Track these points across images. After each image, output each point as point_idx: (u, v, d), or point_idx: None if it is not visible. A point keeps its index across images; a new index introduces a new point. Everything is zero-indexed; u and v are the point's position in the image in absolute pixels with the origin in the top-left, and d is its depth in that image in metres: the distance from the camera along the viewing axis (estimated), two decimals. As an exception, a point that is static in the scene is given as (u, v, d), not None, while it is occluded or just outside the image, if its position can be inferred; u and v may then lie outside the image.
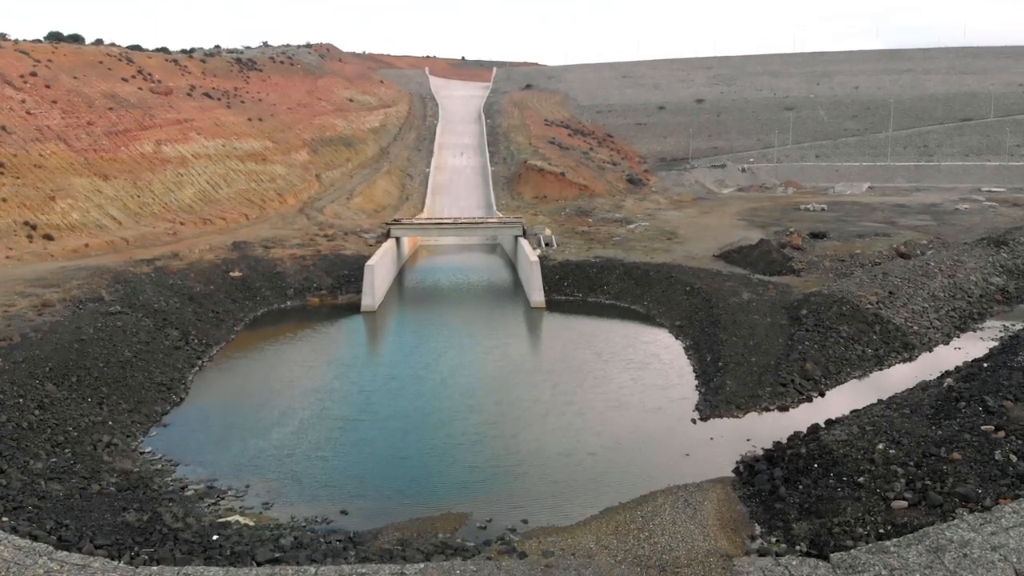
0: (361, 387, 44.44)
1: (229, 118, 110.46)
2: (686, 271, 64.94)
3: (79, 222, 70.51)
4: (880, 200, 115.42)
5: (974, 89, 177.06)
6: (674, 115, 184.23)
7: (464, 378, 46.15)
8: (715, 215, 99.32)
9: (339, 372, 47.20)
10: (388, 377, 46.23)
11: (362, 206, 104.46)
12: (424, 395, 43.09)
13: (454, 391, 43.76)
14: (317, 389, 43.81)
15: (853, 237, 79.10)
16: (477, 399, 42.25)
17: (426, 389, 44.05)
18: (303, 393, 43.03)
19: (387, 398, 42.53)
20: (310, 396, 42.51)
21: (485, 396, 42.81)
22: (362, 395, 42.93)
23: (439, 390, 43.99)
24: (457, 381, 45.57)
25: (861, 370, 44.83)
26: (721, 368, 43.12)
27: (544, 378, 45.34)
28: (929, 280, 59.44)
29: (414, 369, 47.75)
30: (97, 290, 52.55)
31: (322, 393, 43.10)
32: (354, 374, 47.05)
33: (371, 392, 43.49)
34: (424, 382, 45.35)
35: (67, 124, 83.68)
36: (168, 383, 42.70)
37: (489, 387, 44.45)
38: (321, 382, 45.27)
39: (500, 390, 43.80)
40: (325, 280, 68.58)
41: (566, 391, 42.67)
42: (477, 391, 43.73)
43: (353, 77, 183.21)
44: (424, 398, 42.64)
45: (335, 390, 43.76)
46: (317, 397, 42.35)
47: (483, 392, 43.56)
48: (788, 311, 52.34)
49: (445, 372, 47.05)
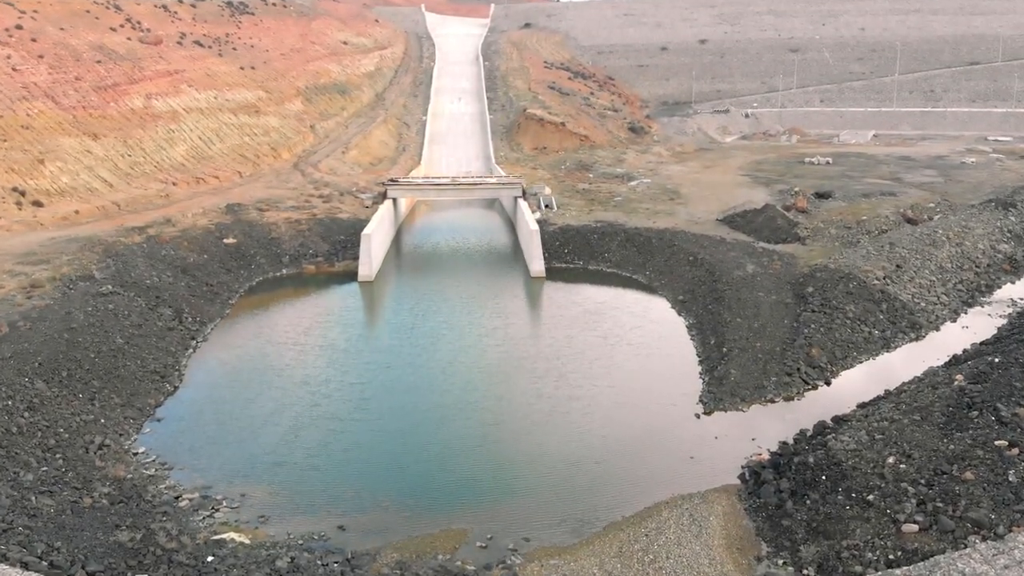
0: (357, 378, 42.91)
1: (221, 67, 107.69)
2: (689, 238, 63.72)
3: (69, 186, 68.91)
4: (885, 151, 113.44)
5: (982, 31, 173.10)
6: (677, 56, 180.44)
7: (463, 367, 44.49)
8: (718, 170, 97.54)
9: (334, 359, 45.71)
10: (384, 366, 44.66)
11: (358, 159, 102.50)
12: (421, 388, 41.67)
13: (453, 384, 42.19)
14: (311, 380, 42.30)
15: (859, 197, 77.68)
16: (477, 394, 40.79)
17: (423, 381, 42.58)
18: (297, 384, 41.66)
19: (383, 392, 41.10)
20: (304, 389, 41.08)
21: (486, 390, 41.34)
22: (357, 388, 41.48)
23: (437, 382, 42.46)
24: (456, 371, 44.00)
25: (868, 354, 44.10)
26: (725, 355, 42.34)
27: (548, 367, 43.71)
28: (936, 250, 58.38)
29: (411, 356, 46.25)
30: (88, 266, 51.43)
31: (316, 385, 41.63)
32: (349, 361, 45.45)
33: (367, 384, 42.05)
34: (421, 372, 43.84)
35: (54, 80, 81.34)
36: (162, 370, 41.92)
37: (490, 379, 42.88)
38: (315, 370, 43.74)
39: (502, 383, 42.27)
40: (321, 246, 67.35)
41: (571, 384, 41.26)
42: (477, 384, 42.20)
43: (347, 17, 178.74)
44: (421, 392, 41.21)
45: (330, 381, 42.31)
46: (311, 390, 40.87)
47: (484, 385, 42.01)
48: (793, 287, 51.40)
49: (443, 360, 45.43)
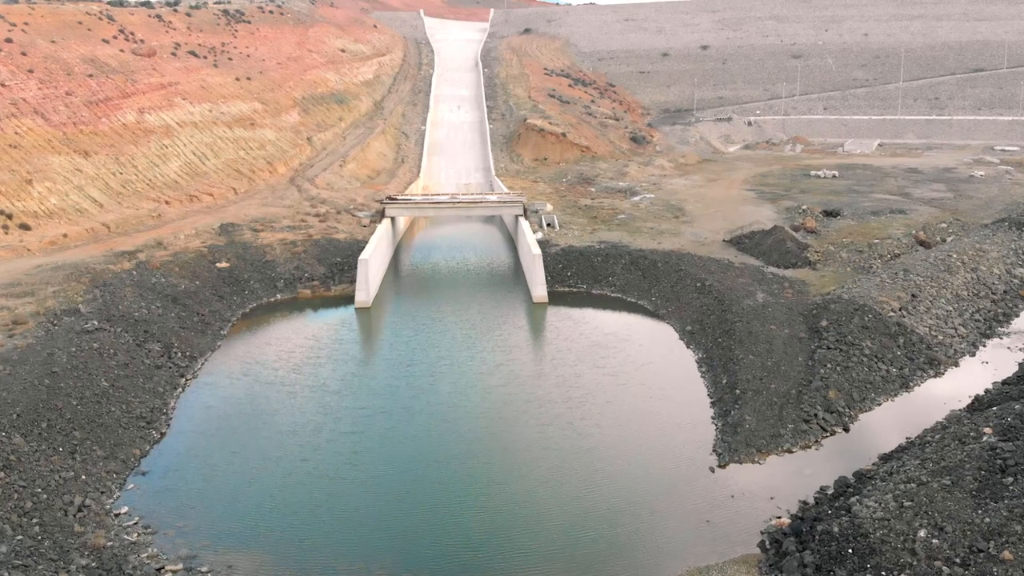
0: (350, 425, 40.25)
1: (216, 79, 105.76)
2: (696, 262, 61.86)
3: (57, 207, 67.01)
4: (892, 162, 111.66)
5: (987, 37, 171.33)
6: (678, 62, 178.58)
7: (464, 413, 41.84)
8: (723, 184, 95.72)
9: (326, 403, 42.95)
10: (379, 411, 42.01)
11: (356, 172, 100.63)
12: (419, 439, 38.97)
13: (453, 434, 39.50)
14: (302, 428, 39.83)
15: (868, 215, 75.91)
16: (479, 445, 38.33)
17: (421, 430, 39.90)
18: (287, 434, 39.26)
19: (378, 444, 38.51)
20: (294, 439, 38.69)
21: (488, 440, 38.90)
22: (350, 439, 38.86)
23: (436, 432, 39.72)
24: (457, 417, 41.34)
25: (886, 394, 42.27)
26: (739, 397, 40.45)
27: (555, 412, 41.20)
28: (951, 276, 56.59)
29: (408, 399, 43.38)
30: (73, 298, 49.55)
31: (307, 434, 39.17)
32: (343, 405, 42.69)
33: (360, 434, 39.38)
34: (419, 419, 41.07)
35: (44, 96, 79.42)
36: (148, 415, 40.04)
37: (493, 427, 40.31)
38: (306, 417, 41.18)
39: (505, 431, 39.73)
40: (317, 269, 65.45)
41: (579, 432, 38.96)
42: (479, 433, 39.64)
43: (345, 24, 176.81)
44: (419, 444, 38.50)
45: (321, 429, 39.74)
46: (301, 441, 38.46)
47: (486, 434, 39.51)
48: (806, 319, 49.56)
49: (443, 404, 42.77)
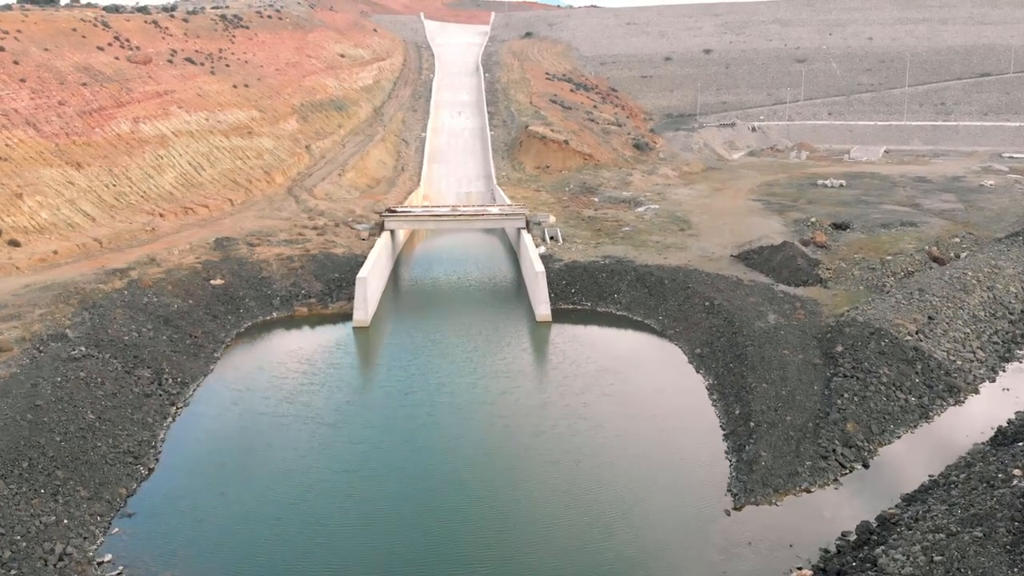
0: (344, 463, 38.18)
1: (213, 86, 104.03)
2: (703, 279, 60.14)
3: (48, 222, 65.31)
4: (900, 171, 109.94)
5: (993, 41, 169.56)
6: (681, 66, 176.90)
7: (466, 449, 39.77)
8: (728, 194, 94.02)
9: (320, 437, 40.76)
10: (375, 447, 39.95)
11: (355, 182, 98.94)
12: (417, 480, 36.76)
13: (454, 474, 37.37)
14: (294, 467, 37.75)
15: (878, 228, 74.21)
16: (481, 488, 36.19)
17: (419, 469, 37.76)
18: (279, 473, 37.27)
19: (373, 486, 36.28)
20: (286, 480, 36.67)
21: (491, 481, 36.80)
22: (344, 479, 36.83)
23: (436, 471, 37.54)
24: (458, 453, 39.26)
25: (906, 426, 40.58)
26: (753, 431, 38.72)
27: (562, 449, 39.18)
28: (967, 296, 54.90)
29: (406, 433, 41.27)
30: (61, 321, 47.87)
31: (300, 474, 37.13)
32: (338, 439, 40.57)
33: (355, 473, 37.34)
34: (418, 455, 39.00)
35: (37, 106, 77.74)
36: (136, 449, 38.32)
37: (496, 466, 38.26)
38: (299, 454, 39.05)
39: (509, 471, 37.72)
40: (314, 286, 63.71)
41: (587, 471, 37.08)
42: (482, 472, 37.58)
43: (345, 28, 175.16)
44: (417, 485, 36.28)
45: (313, 468, 37.64)
46: (293, 482, 36.42)
47: (488, 475, 37.41)
48: (820, 343, 47.87)
49: (443, 438, 40.74)
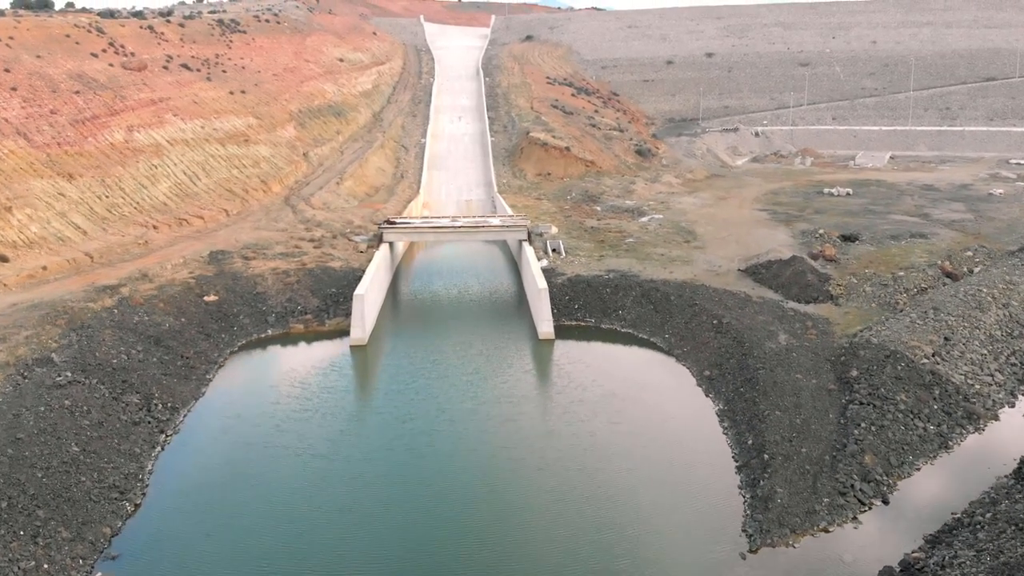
0: (337, 501, 36.10)
1: (209, 93, 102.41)
2: (711, 296, 58.52)
3: (38, 236, 63.65)
4: (906, 178, 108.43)
5: (998, 45, 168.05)
6: (683, 70, 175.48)
7: (469, 484, 37.78)
8: (733, 203, 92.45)
9: (313, 470, 38.69)
10: (373, 482, 37.82)
11: (353, 190, 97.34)
12: (419, 517, 34.79)
13: (456, 509, 35.62)
14: (286, 505, 35.84)
15: (887, 239, 72.60)
16: (487, 526, 34.38)
17: (417, 508, 35.57)
18: (269, 511, 35.36)
19: (367, 529, 34.07)
20: (277, 520, 34.80)
21: (497, 519, 34.94)
22: (337, 519, 34.82)
23: (435, 511, 35.46)
24: (458, 489, 37.24)
25: (925, 457, 38.96)
26: (767, 464, 37.04)
27: (569, 484, 37.23)
28: (983, 314, 53.29)
29: (403, 468, 39.14)
30: (47, 344, 46.22)
31: (292, 515, 35.06)
32: (332, 474, 38.54)
33: (348, 512, 35.32)
34: (416, 493, 36.81)
35: (28, 115, 76.06)
36: (122, 483, 36.65)
37: (501, 501, 36.37)
38: (291, 488, 37.17)
39: (516, 507, 35.82)
40: (311, 301, 62.08)
41: (596, 511, 35.11)
42: (483, 512, 35.63)
43: (344, 31, 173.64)
44: (418, 522, 34.44)
45: (308, 505, 35.78)
46: (285, 524, 34.43)
47: (494, 512, 35.55)
48: (834, 365, 46.26)
49: (444, 473, 38.62)
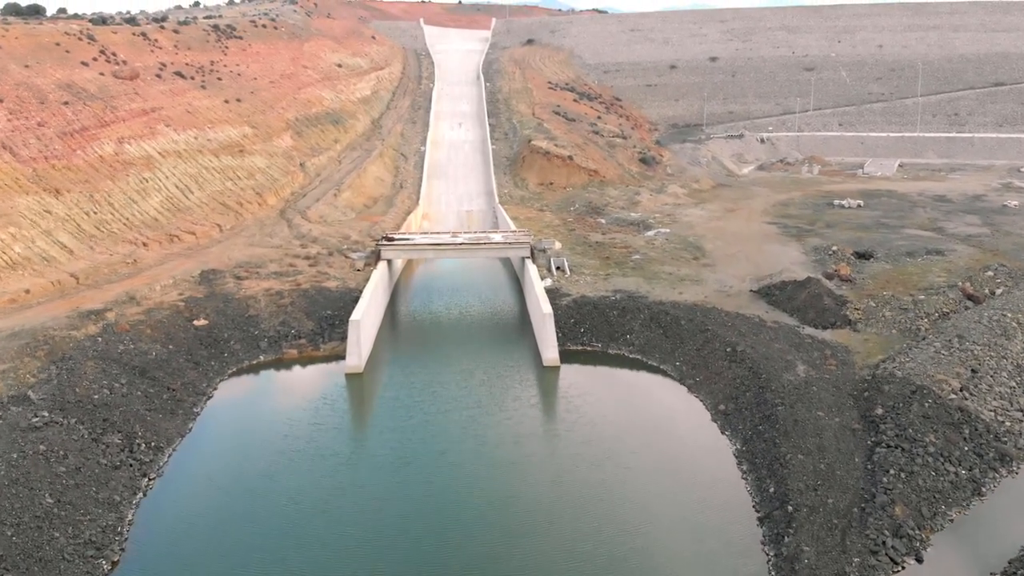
0: (328, 556, 33.81)
1: (203, 102, 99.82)
2: (723, 320, 56.02)
3: (22, 257, 61.11)
4: (917, 187, 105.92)
5: (1007, 49, 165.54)
6: (686, 75, 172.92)
7: (471, 540, 35.33)
8: (742, 215, 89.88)
9: (303, 528, 35.87)
10: (370, 536, 35.32)
11: (351, 202, 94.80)
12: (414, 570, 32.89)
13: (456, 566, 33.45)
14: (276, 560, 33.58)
15: (903, 256, 70.13)
16: None
17: (419, 552, 33.81)
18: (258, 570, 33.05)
19: None
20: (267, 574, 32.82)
21: None
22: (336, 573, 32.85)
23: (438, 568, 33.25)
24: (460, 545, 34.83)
25: (958, 506, 36.46)
26: (791, 516, 34.48)
27: (581, 538, 34.86)
28: (1009, 341, 50.85)
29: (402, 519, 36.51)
30: (25, 379, 43.73)
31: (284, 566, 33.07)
32: (323, 527, 35.94)
33: (347, 565, 33.31)
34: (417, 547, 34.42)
35: (14, 128, 73.53)
36: (99, 538, 34.09)
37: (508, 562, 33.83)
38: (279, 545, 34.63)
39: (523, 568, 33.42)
40: (305, 324, 59.54)
41: (604, 556, 33.14)
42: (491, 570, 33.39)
43: (342, 36, 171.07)
44: None
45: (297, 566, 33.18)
46: None
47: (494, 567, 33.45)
48: (857, 402, 43.79)
49: (447, 525, 36.26)
